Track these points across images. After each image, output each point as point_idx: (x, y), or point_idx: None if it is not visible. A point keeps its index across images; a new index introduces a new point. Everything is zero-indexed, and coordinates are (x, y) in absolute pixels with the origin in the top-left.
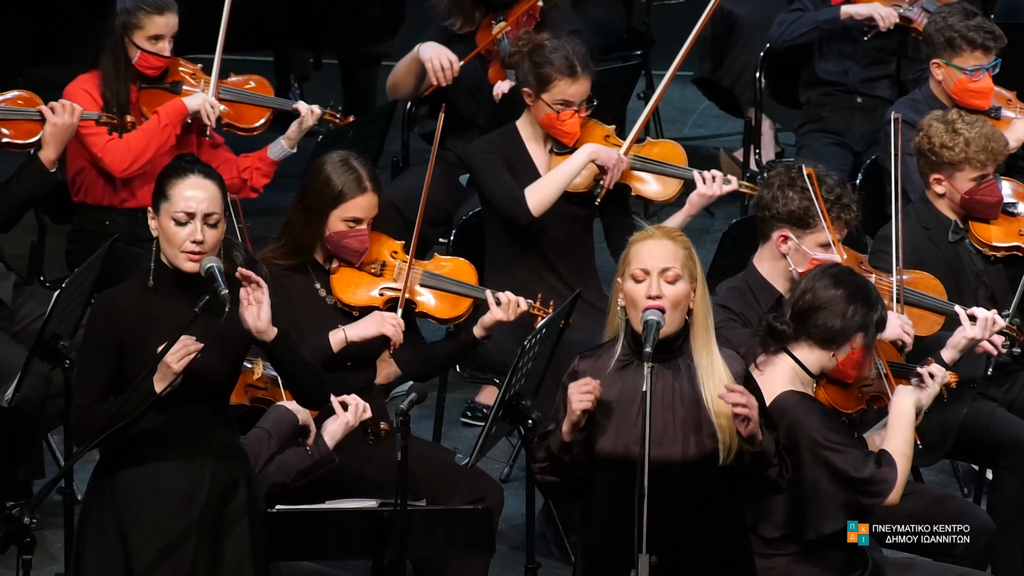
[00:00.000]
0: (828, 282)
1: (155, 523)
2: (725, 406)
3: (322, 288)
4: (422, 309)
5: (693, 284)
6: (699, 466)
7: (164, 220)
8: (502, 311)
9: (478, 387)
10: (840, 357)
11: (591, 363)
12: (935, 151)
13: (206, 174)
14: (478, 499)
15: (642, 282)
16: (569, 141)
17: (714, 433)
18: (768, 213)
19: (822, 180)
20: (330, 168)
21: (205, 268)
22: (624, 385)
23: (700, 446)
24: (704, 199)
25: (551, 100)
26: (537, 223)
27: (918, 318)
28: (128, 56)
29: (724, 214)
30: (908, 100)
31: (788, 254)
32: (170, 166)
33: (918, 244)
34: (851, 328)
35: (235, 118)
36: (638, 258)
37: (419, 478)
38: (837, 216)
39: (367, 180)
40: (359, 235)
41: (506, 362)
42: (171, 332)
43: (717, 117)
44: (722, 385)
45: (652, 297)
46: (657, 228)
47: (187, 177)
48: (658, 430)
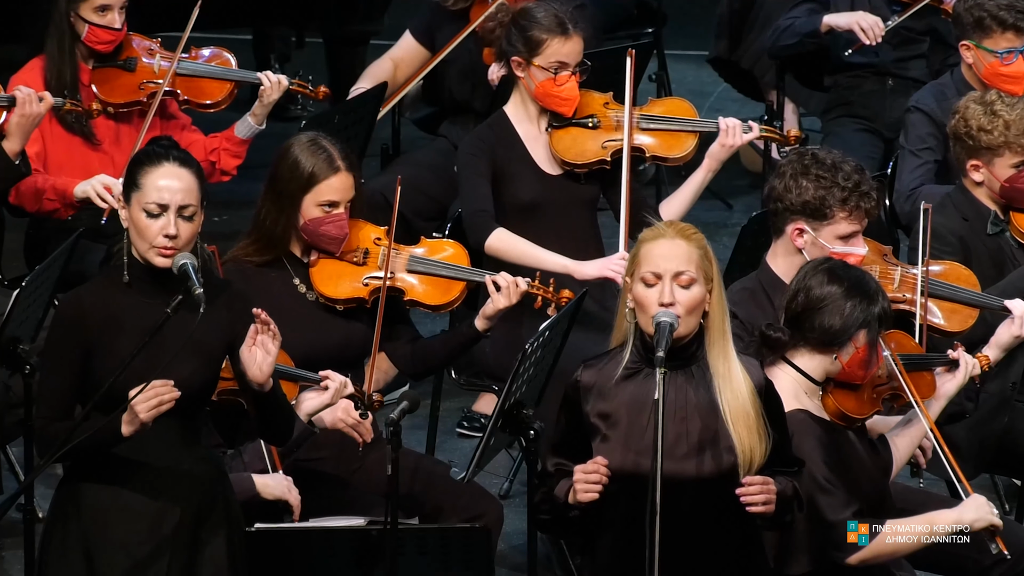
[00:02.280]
0: (822, 278)
1: (124, 543)
2: (745, 416)
3: (301, 283)
4: (411, 297)
5: (709, 286)
6: (716, 482)
7: (135, 211)
8: (503, 296)
9: (475, 395)
10: (844, 359)
11: (596, 372)
12: (972, 135)
13: (182, 161)
14: (475, 517)
15: (653, 286)
16: (568, 109)
17: (732, 447)
18: (781, 205)
19: (838, 166)
20: (298, 150)
21: (178, 265)
22: (633, 394)
23: (717, 460)
24: (726, 150)
25: (545, 63)
26: (541, 208)
27: (950, 312)
28: (75, 32)
29: (743, 206)
30: (935, 86)
31: (804, 248)
32: (143, 152)
33: (964, 235)
34: (852, 326)
35: (194, 94)
36: (649, 260)
37: (411, 494)
38: (856, 205)
39: (339, 159)
40: (337, 220)
41: (506, 367)
42: (141, 333)
43: (735, 101)
44: (741, 394)
45: (665, 304)
46: (670, 225)
47: (161, 165)
48: (671, 443)
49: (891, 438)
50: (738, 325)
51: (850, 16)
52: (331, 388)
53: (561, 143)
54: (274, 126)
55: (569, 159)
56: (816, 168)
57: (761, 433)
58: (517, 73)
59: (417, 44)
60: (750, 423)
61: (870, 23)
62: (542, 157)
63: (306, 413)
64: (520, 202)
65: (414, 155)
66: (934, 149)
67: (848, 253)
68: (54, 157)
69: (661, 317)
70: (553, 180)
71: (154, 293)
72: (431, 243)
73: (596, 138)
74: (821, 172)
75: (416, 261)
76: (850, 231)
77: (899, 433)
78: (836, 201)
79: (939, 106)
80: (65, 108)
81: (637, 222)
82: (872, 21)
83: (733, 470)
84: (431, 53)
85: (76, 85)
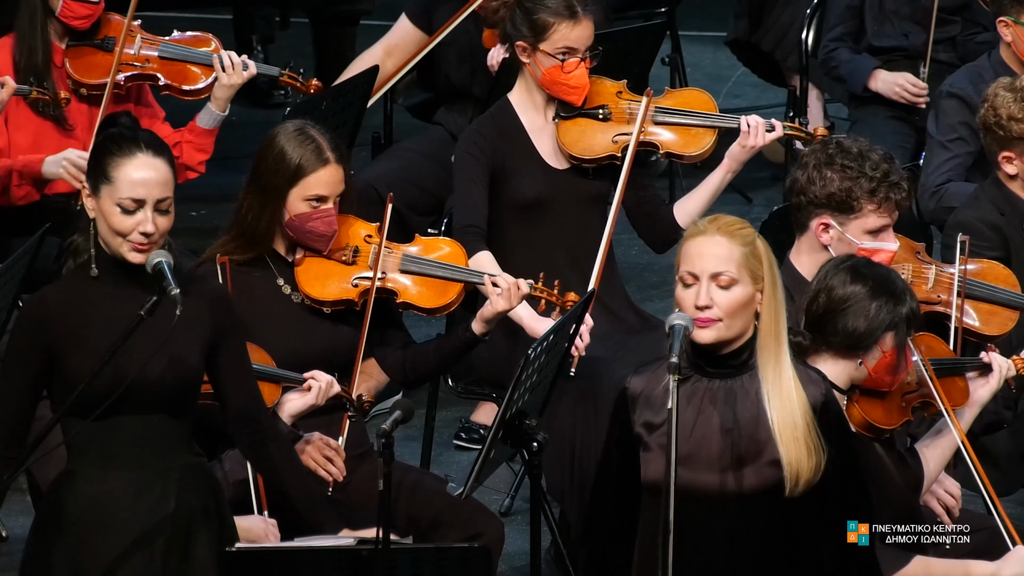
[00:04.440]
0: (844, 277)
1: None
2: (792, 427)
3: (286, 284)
4: (404, 299)
5: (759, 285)
6: (758, 498)
7: (106, 204)
8: (504, 299)
9: (473, 404)
10: (871, 363)
11: (645, 380)
12: (1002, 124)
13: (156, 149)
14: (474, 535)
15: (691, 286)
16: (578, 98)
17: (778, 460)
18: (804, 198)
19: (865, 155)
20: (283, 140)
21: (152, 264)
22: (685, 403)
23: (760, 476)
24: (747, 151)
25: (552, 49)
26: (545, 205)
27: (988, 314)
28: (48, 6)
29: (763, 200)
30: (971, 69)
31: (830, 245)
32: (110, 138)
33: (1003, 227)
34: (878, 328)
35: (177, 78)
36: (687, 258)
37: (404, 511)
38: (885, 196)
39: (328, 150)
40: (325, 216)
41: (507, 374)
42: (112, 327)
43: (755, 86)
44: (789, 403)
45: (700, 307)
46: (712, 221)
47: (134, 155)
48: (714, 455)
49: (921, 450)
50: None
51: (890, 87)
52: (314, 388)
53: (568, 135)
54: (256, 114)
55: (576, 153)
56: (841, 157)
57: (811, 447)
58: (522, 59)
59: (414, 28)
60: (797, 435)
61: (906, 87)
62: (547, 150)
63: (289, 415)
64: (523, 199)
65: (407, 144)
66: (966, 140)
67: (878, 249)
68: (20, 145)
69: (674, 320)
70: (559, 175)
71: (124, 285)
72: (426, 241)
73: (606, 131)
74: (847, 162)
75: (410, 260)
76: (879, 225)
77: (929, 444)
78: (863, 192)
79: (975, 90)
80: (32, 96)
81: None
82: (907, 84)
83: (778, 485)
84: (429, 36)
85: (48, 67)
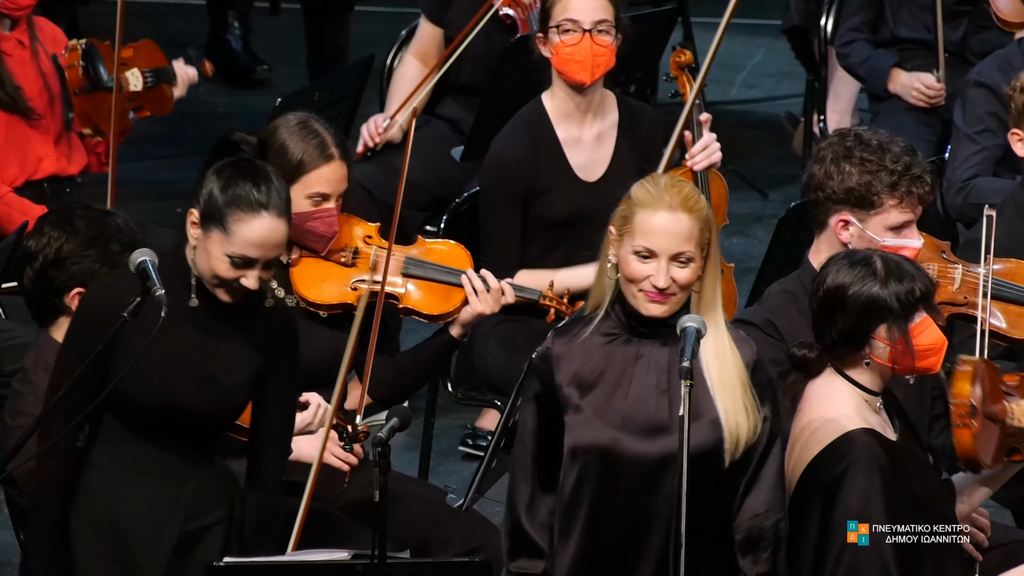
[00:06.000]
0: (834, 273)
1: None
2: (731, 389)
3: (279, 287)
4: (406, 304)
5: (703, 253)
6: (699, 459)
7: (215, 249)
8: (481, 302)
9: (473, 411)
10: (882, 359)
11: (567, 343)
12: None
13: (280, 210)
14: (474, 549)
15: (647, 261)
16: (588, 76)
17: (716, 420)
18: (822, 194)
19: (886, 147)
20: (286, 134)
21: (137, 263)
22: (611, 363)
23: (699, 436)
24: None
25: (554, 22)
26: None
27: (1017, 316)
28: None
29: (780, 196)
30: (1000, 57)
31: (851, 243)
32: (236, 182)
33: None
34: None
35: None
36: (646, 232)
37: (402, 523)
38: (907, 190)
39: (333, 146)
40: (327, 217)
41: (510, 380)
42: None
43: (771, 75)
44: (727, 365)
45: (659, 289)
46: (670, 189)
47: (259, 215)
48: (648, 419)
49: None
50: (772, 353)
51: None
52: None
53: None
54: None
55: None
56: (860, 150)
57: (748, 407)
58: (545, 54)
59: (434, 27)
60: (736, 396)
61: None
62: (580, 163)
63: None
64: (552, 218)
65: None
66: (994, 132)
67: (901, 247)
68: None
69: (686, 323)
70: (591, 190)
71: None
72: (428, 243)
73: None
74: (866, 155)
75: (413, 264)
76: (902, 220)
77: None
78: (884, 186)
79: (1005, 79)
80: None
81: None
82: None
83: (717, 447)
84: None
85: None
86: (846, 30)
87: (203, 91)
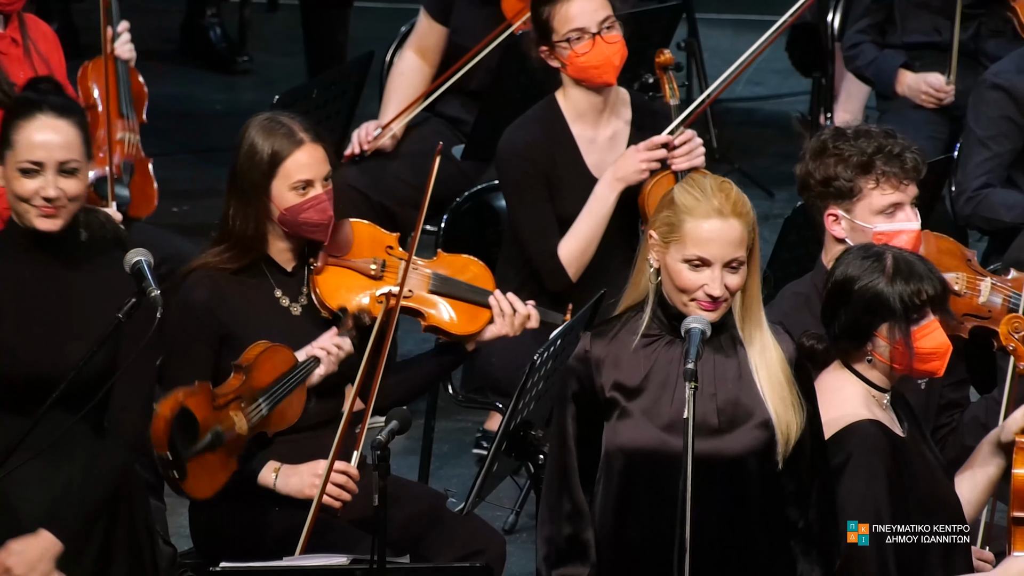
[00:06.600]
0: (843, 268)
1: None
2: (780, 388)
3: (284, 296)
4: (433, 323)
5: (749, 254)
6: (751, 461)
7: (9, 171)
8: (505, 323)
9: (474, 413)
10: (885, 356)
11: (605, 345)
12: None
13: (60, 111)
14: (475, 554)
15: (699, 270)
16: (611, 76)
17: (768, 421)
18: (809, 193)
19: (861, 134)
20: (253, 133)
21: (132, 263)
22: (654, 365)
23: (750, 438)
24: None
25: (560, 37)
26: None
27: None
28: None
29: (786, 195)
30: (1018, 56)
31: (847, 237)
32: (17, 102)
33: None
34: (864, 313)
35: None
36: (698, 240)
37: (401, 527)
38: (883, 170)
39: (301, 131)
40: (317, 204)
41: (514, 381)
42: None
43: (778, 72)
44: (773, 364)
45: (713, 297)
46: (721, 197)
47: (35, 117)
48: (699, 422)
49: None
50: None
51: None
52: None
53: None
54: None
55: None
56: (834, 141)
57: (796, 406)
58: (552, 65)
59: (435, 23)
60: (784, 395)
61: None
62: (594, 162)
63: None
64: (567, 216)
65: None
66: (1009, 137)
67: (896, 231)
68: None
69: (692, 324)
70: None
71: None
72: (450, 259)
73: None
74: (839, 144)
75: (441, 281)
76: (887, 203)
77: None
78: (856, 170)
79: (1022, 80)
80: None
81: None
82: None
83: (768, 447)
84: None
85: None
86: (853, 32)
87: (200, 90)
